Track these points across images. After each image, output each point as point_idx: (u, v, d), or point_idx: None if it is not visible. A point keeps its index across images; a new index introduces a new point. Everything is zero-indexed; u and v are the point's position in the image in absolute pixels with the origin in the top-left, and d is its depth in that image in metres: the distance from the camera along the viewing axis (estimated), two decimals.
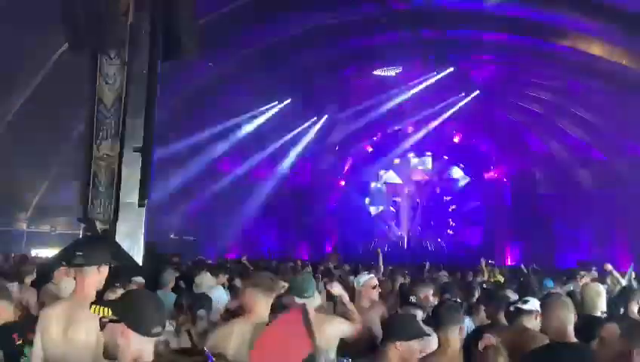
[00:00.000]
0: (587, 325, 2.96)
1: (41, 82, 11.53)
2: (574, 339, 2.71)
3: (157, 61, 6.75)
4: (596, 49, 14.20)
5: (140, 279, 5.59)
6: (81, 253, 2.90)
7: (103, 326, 1.96)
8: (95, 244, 3.22)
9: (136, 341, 1.90)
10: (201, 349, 2.04)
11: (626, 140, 16.47)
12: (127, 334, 1.90)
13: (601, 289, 4.17)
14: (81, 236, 7.01)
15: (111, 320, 1.94)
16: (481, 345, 2.37)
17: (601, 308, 3.83)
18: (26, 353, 2.36)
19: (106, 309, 1.93)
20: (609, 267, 6.45)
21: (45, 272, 5.59)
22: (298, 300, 3.43)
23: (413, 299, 4.51)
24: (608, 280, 6.70)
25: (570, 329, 2.70)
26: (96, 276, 2.88)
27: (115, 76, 6.81)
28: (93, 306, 1.96)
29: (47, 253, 12.60)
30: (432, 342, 3.03)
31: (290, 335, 2.12)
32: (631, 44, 13.22)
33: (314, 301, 3.45)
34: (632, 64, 13.75)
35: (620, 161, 17.17)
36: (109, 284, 3.93)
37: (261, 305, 3.04)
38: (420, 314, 3.72)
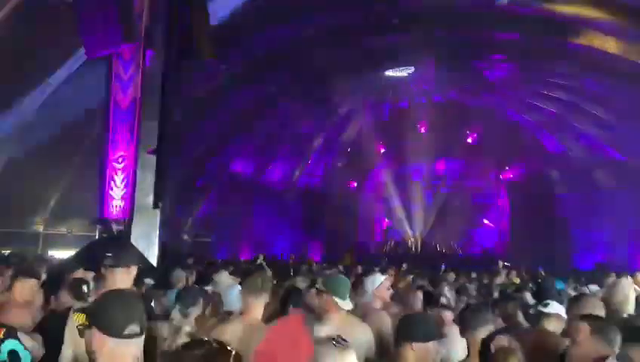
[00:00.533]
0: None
1: (59, 85, 11.66)
2: None
3: (173, 63, 6.82)
4: (612, 47, 13.98)
5: (149, 281, 5.62)
6: (110, 254, 2.96)
7: (81, 334, 1.89)
8: (124, 245, 3.25)
9: (110, 343, 1.82)
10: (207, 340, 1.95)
11: None
12: (99, 338, 1.83)
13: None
14: (97, 237, 7.07)
15: (86, 326, 1.87)
16: (493, 347, 2.31)
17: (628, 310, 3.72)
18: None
19: (81, 316, 1.88)
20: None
21: (58, 273, 5.61)
22: (341, 301, 3.28)
23: (444, 300, 4.46)
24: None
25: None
26: (125, 276, 2.96)
27: (131, 79, 6.89)
28: (75, 314, 1.91)
29: (64, 254, 12.74)
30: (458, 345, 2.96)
31: (291, 341, 2.07)
32: None
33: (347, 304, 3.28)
34: None
35: (638, 160, 16.87)
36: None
37: (252, 306, 3.04)
38: (449, 316, 3.65)
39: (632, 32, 13.03)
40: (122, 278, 2.95)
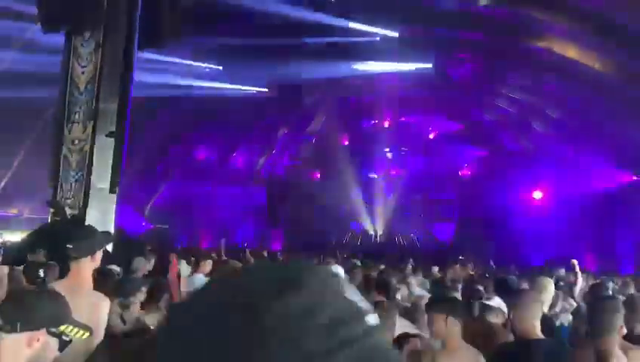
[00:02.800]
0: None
1: (12, 61, 11.18)
2: (540, 335, 2.81)
3: (134, 45, 6.63)
4: (571, 52, 14.51)
5: (115, 267, 5.53)
6: (71, 246, 2.90)
7: None
8: (85, 232, 3.16)
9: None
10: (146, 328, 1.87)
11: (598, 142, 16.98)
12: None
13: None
14: (49, 220, 6.85)
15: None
16: (405, 350, 2.46)
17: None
18: None
19: None
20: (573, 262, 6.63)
21: (13, 257, 5.44)
22: None
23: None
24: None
25: (536, 324, 2.80)
26: (90, 264, 2.93)
27: (89, 58, 6.67)
28: None
29: (15, 237, 12.28)
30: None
31: None
32: (603, 48, 13.56)
33: None
34: (603, 68, 14.12)
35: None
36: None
37: None
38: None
39: (590, 39, 13.56)
40: (88, 267, 2.93)
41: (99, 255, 2.99)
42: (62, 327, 1.77)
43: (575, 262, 6.03)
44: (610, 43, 12.95)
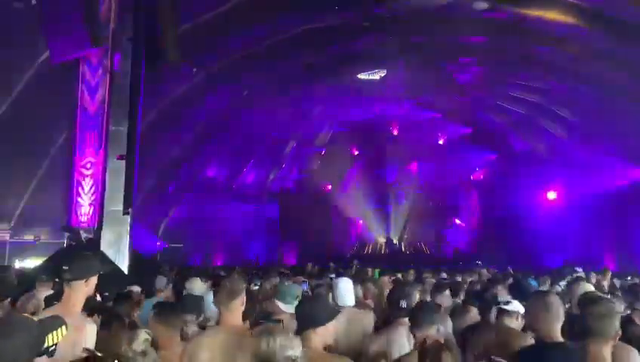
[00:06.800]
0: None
1: (23, 90, 11.38)
2: (560, 339, 2.76)
3: (141, 69, 6.75)
4: (575, 50, 14.42)
5: (136, 288, 5.57)
6: (67, 268, 2.96)
7: None
8: (81, 257, 3.20)
9: None
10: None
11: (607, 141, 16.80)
12: None
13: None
14: (65, 245, 6.93)
15: None
16: (429, 341, 2.44)
17: None
18: None
19: None
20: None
21: (26, 284, 5.49)
22: (282, 305, 3.45)
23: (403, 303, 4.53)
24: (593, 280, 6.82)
25: (556, 327, 2.75)
26: (83, 288, 2.98)
27: (98, 83, 6.80)
28: None
29: (31, 263, 12.41)
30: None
31: None
32: (612, 47, 13.47)
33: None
34: (612, 67, 14.01)
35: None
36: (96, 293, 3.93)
37: (227, 313, 2.95)
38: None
39: (594, 36, 13.47)
40: (81, 291, 2.97)
41: (93, 281, 3.02)
42: (47, 343, 1.87)
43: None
44: (618, 40, 12.85)
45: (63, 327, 1.98)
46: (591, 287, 4.41)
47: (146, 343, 2.52)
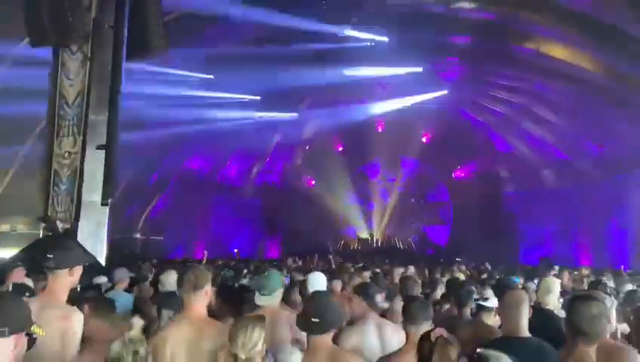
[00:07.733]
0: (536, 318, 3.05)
1: (1, 78, 11.12)
2: (527, 334, 2.80)
3: (122, 57, 6.61)
4: (559, 53, 14.62)
5: (103, 278, 5.49)
6: (51, 256, 2.89)
7: None
8: (65, 246, 3.13)
9: None
10: None
11: (587, 141, 17.11)
12: None
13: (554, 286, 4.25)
14: (41, 236, 6.79)
15: None
16: (433, 336, 2.45)
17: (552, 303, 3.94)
18: None
19: None
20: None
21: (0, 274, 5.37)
22: (259, 296, 3.43)
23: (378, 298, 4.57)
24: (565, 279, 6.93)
25: (523, 323, 2.79)
26: (68, 278, 2.91)
27: (78, 71, 6.65)
28: None
29: (7, 254, 12.15)
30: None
31: None
32: (592, 48, 13.68)
33: (276, 299, 3.47)
34: (592, 68, 14.23)
35: (581, 160, 17.79)
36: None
37: (191, 303, 2.94)
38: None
39: (579, 40, 13.67)
40: (65, 280, 2.91)
41: (78, 270, 2.96)
42: (32, 327, 1.94)
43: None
44: (598, 43, 13.06)
45: (40, 329, 1.99)
46: (557, 286, 4.45)
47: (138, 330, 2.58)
